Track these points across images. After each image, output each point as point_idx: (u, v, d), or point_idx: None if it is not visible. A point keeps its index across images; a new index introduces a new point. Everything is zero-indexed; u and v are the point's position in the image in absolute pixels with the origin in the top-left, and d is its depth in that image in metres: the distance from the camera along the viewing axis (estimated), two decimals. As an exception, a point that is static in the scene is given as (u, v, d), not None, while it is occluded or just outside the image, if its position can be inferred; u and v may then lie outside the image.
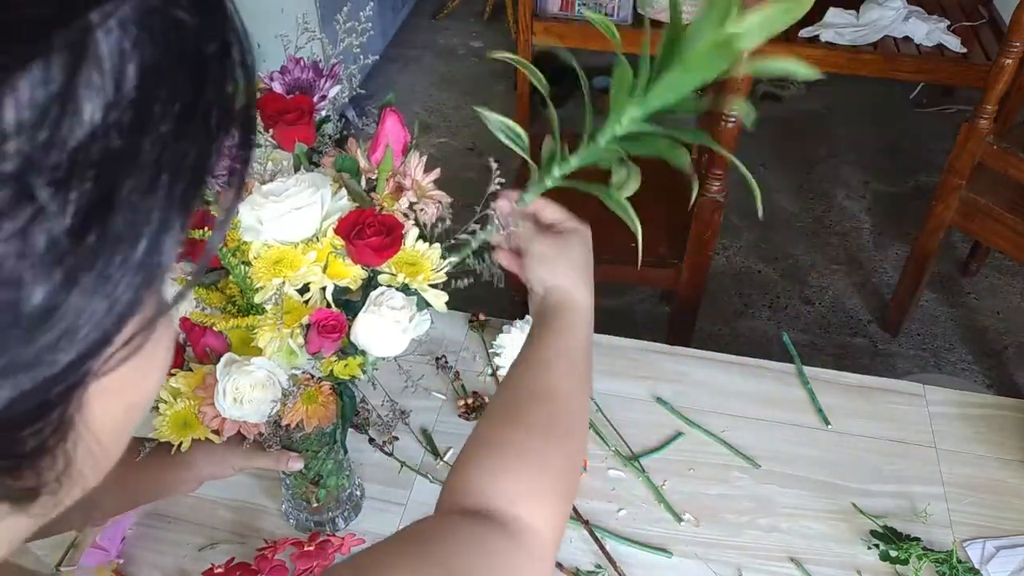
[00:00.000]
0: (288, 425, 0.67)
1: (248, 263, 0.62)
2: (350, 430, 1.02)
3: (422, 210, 0.68)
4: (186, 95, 0.24)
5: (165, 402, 0.64)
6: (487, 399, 1.08)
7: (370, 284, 0.65)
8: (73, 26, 0.21)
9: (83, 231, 0.21)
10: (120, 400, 0.28)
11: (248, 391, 0.62)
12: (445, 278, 0.66)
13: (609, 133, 0.61)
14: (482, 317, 1.20)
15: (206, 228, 0.57)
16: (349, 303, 0.65)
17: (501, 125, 0.65)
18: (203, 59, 0.25)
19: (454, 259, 0.69)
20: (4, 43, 0.20)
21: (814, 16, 2.47)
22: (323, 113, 0.73)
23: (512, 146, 0.66)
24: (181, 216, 0.25)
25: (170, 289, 0.28)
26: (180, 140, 0.24)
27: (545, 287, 0.70)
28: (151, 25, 0.23)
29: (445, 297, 0.66)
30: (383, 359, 0.68)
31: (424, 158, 0.70)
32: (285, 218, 0.60)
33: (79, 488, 0.28)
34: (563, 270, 0.70)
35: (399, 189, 0.67)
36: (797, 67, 0.51)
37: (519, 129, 0.66)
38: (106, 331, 0.24)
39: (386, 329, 0.63)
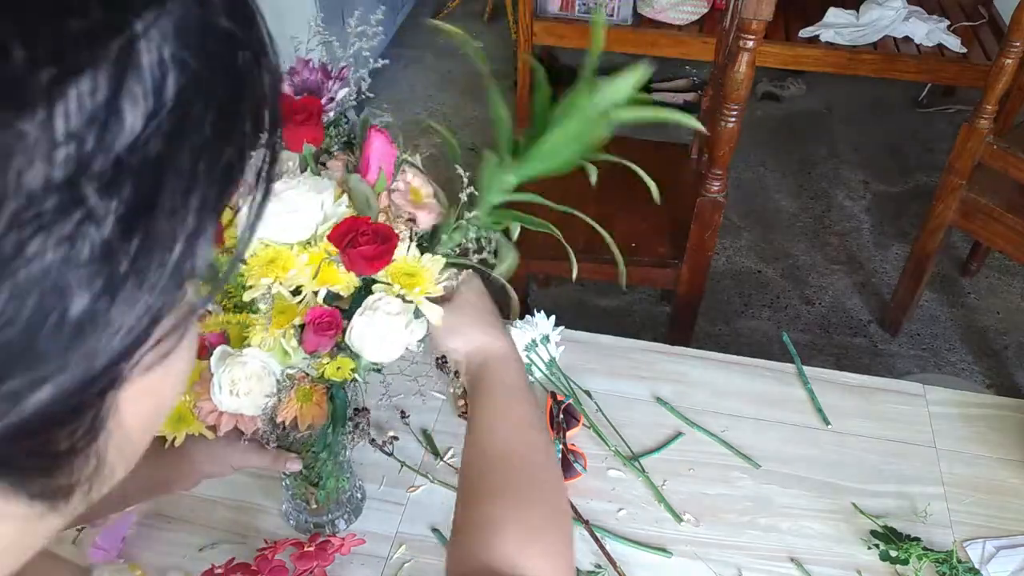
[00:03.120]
0: (284, 422, 0.67)
1: (243, 260, 0.62)
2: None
3: (411, 220, 0.68)
4: (222, 101, 0.24)
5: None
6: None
7: (364, 292, 0.65)
8: (119, 37, 0.21)
9: (125, 236, 0.22)
10: (150, 400, 0.28)
11: (243, 382, 0.62)
12: (443, 291, 0.66)
13: (485, 204, 0.64)
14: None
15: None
16: (341, 309, 0.65)
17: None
18: (238, 66, 0.25)
19: (448, 281, 0.69)
20: (55, 55, 0.20)
21: (814, 16, 2.47)
22: (331, 115, 0.73)
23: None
24: (214, 219, 0.25)
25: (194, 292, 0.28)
26: (216, 145, 0.24)
27: (464, 354, 0.71)
28: (190, 34, 0.23)
29: (440, 311, 0.65)
30: (376, 365, 0.67)
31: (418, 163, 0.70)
32: (281, 219, 0.60)
33: (108, 485, 0.29)
34: (472, 331, 0.71)
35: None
36: (677, 116, 0.52)
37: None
38: (142, 333, 0.24)
39: (380, 334, 0.63)
